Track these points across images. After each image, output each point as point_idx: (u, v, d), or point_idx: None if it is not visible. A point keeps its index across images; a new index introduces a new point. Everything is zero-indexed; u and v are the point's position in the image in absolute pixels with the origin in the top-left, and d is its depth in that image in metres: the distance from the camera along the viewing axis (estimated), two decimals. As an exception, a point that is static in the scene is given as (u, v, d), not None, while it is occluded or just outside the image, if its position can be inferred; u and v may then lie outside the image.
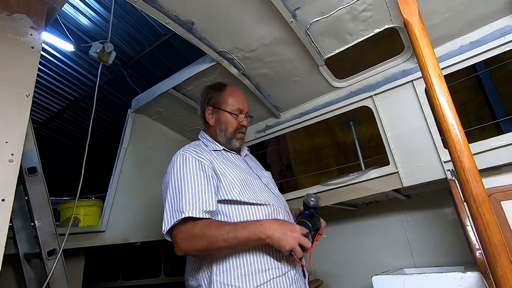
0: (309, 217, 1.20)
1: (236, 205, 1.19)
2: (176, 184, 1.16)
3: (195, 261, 1.20)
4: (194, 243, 1.07)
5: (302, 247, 1.08)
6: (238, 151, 1.45)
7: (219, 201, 1.18)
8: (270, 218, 1.20)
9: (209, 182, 1.16)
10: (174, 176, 1.18)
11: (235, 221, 1.16)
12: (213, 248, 1.07)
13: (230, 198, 1.17)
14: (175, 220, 1.09)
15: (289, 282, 1.14)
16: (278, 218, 1.22)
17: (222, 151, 1.38)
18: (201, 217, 1.08)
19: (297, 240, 1.07)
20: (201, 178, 1.16)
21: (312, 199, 1.20)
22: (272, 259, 1.14)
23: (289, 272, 1.16)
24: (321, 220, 1.26)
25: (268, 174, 1.51)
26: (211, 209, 1.12)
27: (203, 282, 1.14)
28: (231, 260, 1.12)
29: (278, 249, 1.09)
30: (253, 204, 1.20)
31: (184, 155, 1.23)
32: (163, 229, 1.12)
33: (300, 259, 1.11)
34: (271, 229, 1.07)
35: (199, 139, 1.44)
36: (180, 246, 1.08)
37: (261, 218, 1.18)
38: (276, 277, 1.12)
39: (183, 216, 1.07)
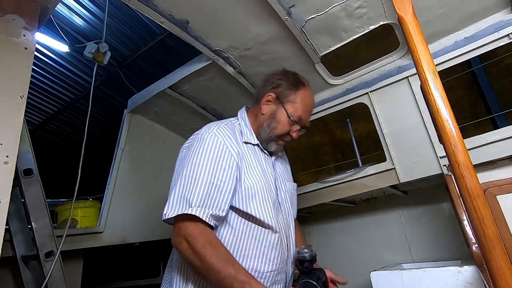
0: (309, 273, 1.06)
1: (246, 220, 1.10)
2: (197, 165, 1.05)
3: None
4: (190, 253, 0.98)
5: None
6: (271, 153, 1.31)
7: (232, 207, 1.08)
8: (274, 247, 1.12)
9: (229, 182, 1.06)
10: (199, 154, 1.06)
11: (239, 238, 1.08)
12: (200, 270, 0.98)
13: (246, 211, 1.08)
14: (179, 211, 0.99)
15: None
16: (280, 247, 1.14)
17: (255, 146, 1.23)
18: (205, 221, 0.99)
19: None
20: (223, 173, 1.05)
21: (305, 250, 1.07)
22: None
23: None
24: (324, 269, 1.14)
25: (292, 186, 1.39)
26: (219, 214, 1.02)
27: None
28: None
29: None
30: (264, 226, 1.11)
31: (218, 138, 1.10)
32: (164, 212, 1.01)
33: None
34: None
35: (236, 117, 1.29)
36: (177, 242, 1.00)
37: (266, 246, 1.10)
38: None
39: (188, 212, 0.98)
